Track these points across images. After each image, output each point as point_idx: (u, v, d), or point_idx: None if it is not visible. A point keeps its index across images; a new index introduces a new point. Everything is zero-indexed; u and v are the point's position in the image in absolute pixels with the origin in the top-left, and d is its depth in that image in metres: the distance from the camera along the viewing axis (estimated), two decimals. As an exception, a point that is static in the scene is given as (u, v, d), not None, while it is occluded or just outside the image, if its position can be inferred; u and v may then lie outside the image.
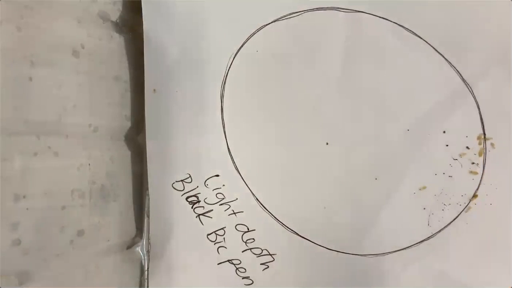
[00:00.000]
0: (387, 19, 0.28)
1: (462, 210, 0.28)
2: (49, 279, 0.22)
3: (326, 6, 0.29)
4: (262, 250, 0.28)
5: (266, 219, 0.28)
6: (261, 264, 0.28)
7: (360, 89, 0.28)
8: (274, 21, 0.29)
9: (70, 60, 0.24)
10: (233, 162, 0.28)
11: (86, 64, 0.25)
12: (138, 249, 0.29)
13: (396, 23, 0.28)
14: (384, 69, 0.28)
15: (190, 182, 0.28)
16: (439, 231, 0.28)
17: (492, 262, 0.28)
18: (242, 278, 0.28)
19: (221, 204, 0.28)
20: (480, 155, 0.28)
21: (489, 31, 0.28)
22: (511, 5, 0.28)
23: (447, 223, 0.28)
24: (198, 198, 0.28)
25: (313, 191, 0.28)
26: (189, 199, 0.28)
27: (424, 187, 0.28)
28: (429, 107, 0.28)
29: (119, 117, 0.28)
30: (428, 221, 0.28)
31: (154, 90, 0.29)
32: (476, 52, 0.28)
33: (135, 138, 0.30)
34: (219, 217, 0.28)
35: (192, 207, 0.28)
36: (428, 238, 0.28)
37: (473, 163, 0.28)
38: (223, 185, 0.28)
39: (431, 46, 0.28)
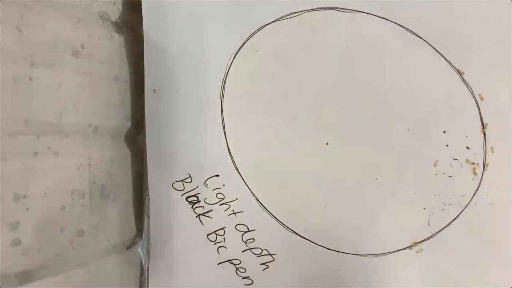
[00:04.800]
0: (387, 19, 0.28)
1: (462, 210, 0.28)
2: (49, 279, 0.22)
3: (326, 6, 0.29)
4: (262, 250, 0.28)
5: (266, 219, 0.28)
6: (261, 264, 0.28)
7: (360, 89, 0.28)
8: (274, 21, 0.29)
9: (70, 60, 0.24)
10: (233, 162, 0.28)
11: (86, 64, 0.25)
12: (138, 249, 0.29)
13: (396, 23, 0.28)
14: (384, 69, 0.28)
15: (190, 182, 0.28)
16: (439, 231, 0.28)
17: (492, 262, 0.28)
18: (242, 278, 0.28)
19: (221, 204, 0.28)
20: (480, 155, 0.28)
21: (489, 31, 0.28)
22: (511, 5, 0.28)
23: (447, 223, 0.28)
24: (198, 198, 0.28)
25: (313, 191, 0.28)
26: (189, 199, 0.28)
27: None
28: (429, 107, 0.28)
29: (119, 117, 0.28)
30: (428, 221, 0.28)
31: (154, 90, 0.29)
32: (476, 52, 0.28)
33: (135, 138, 0.30)
34: (219, 217, 0.28)
35: (192, 207, 0.28)
36: (428, 238, 0.28)
37: (473, 163, 0.28)
38: (223, 185, 0.28)
39: (431, 46, 0.28)
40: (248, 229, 0.28)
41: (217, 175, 0.28)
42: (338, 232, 0.28)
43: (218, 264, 0.28)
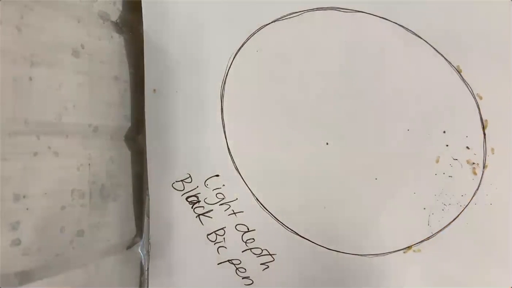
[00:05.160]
0: (387, 19, 0.28)
1: (462, 210, 0.28)
2: (49, 279, 0.22)
3: (326, 6, 0.29)
4: (262, 250, 0.28)
5: (266, 219, 0.28)
6: (261, 264, 0.28)
7: (360, 89, 0.28)
8: (274, 21, 0.29)
9: (70, 60, 0.24)
10: (233, 162, 0.28)
11: (86, 64, 0.25)
12: (138, 249, 0.29)
13: (396, 23, 0.28)
14: (384, 69, 0.28)
15: (190, 182, 0.28)
16: (439, 231, 0.28)
17: (492, 262, 0.28)
18: (242, 278, 0.28)
19: (221, 204, 0.28)
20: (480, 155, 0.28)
21: (489, 31, 0.28)
22: (511, 5, 0.28)
23: (447, 223, 0.28)
24: (198, 198, 0.28)
25: (313, 191, 0.28)
26: (189, 199, 0.28)
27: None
28: (429, 107, 0.28)
29: (119, 117, 0.28)
30: (428, 221, 0.28)
31: (154, 90, 0.29)
32: (476, 52, 0.28)
33: (135, 138, 0.30)
34: (219, 217, 0.28)
35: (192, 207, 0.28)
36: (428, 238, 0.28)
37: (473, 163, 0.28)
38: (223, 185, 0.28)
39: (431, 46, 0.28)
40: (248, 229, 0.28)
41: (217, 175, 0.28)
42: (338, 232, 0.28)
43: (218, 264, 0.28)
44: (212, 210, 0.28)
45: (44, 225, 0.21)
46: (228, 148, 0.28)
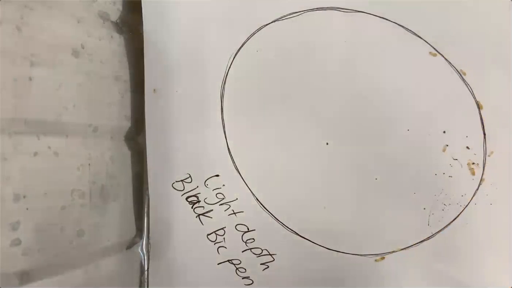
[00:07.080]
0: (387, 19, 0.28)
1: (462, 210, 0.28)
2: (49, 279, 0.22)
3: (326, 6, 0.29)
4: (262, 250, 0.28)
5: (266, 219, 0.28)
6: (261, 264, 0.28)
7: (360, 89, 0.28)
8: (274, 21, 0.29)
9: (70, 60, 0.24)
10: (233, 162, 0.28)
11: (86, 64, 0.25)
12: (138, 249, 0.29)
13: (396, 23, 0.28)
14: (384, 69, 0.28)
15: (190, 182, 0.28)
16: (439, 231, 0.28)
17: (492, 262, 0.28)
18: (242, 278, 0.28)
19: (221, 204, 0.28)
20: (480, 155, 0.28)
21: (489, 31, 0.28)
22: (511, 5, 0.28)
23: (447, 223, 0.28)
24: (198, 198, 0.28)
25: (313, 191, 0.28)
26: (189, 199, 0.28)
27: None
28: (429, 107, 0.28)
29: (119, 117, 0.28)
30: (428, 221, 0.28)
31: (154, 90, 0.29)
32: (476, 52, 0.28)
33: (135, 138, 0.30)
34: (219, 217, 0.28)
35: (192, 207, 0.28)
36: (428, 238, 0.28)
37: (473, 163, 0.28)
38: (223, 185, 0.28)
39: (431, 46, 0.28)
40: (248, 229, 0.28)
41: (217, 175, 0.28)
42: (338, 232, 0.28)
43: (218, 264, 0.28)
44: (212, 210, 0.28)
45: (44, 225, 0.21)
46: (228, 148, 0.28)
